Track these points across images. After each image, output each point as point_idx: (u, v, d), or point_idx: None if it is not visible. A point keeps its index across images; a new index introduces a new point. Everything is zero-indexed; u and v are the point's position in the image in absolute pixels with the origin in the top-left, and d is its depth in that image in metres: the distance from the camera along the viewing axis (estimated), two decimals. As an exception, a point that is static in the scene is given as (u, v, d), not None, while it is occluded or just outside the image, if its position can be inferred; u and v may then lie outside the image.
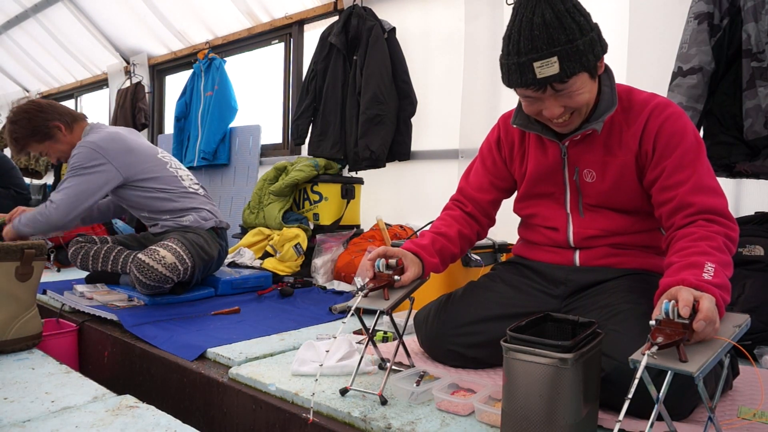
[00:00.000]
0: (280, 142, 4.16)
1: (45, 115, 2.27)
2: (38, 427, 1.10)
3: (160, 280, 2.10)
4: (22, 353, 1.59)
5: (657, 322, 0.93)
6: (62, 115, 2.31)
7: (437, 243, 1.48)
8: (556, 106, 1.26)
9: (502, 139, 1.57)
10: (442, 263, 1.49)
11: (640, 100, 1.35)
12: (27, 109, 2.27)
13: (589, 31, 1.22)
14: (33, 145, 2.31)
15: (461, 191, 1.63)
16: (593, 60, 1.23)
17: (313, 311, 2.16)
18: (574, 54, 1.19)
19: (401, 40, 3.21)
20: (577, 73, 1.21)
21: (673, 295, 0.97)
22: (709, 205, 1.21)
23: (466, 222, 1.58)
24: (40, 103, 2.32)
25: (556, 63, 1.19)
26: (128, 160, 2.27)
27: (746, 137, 1.85)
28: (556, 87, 1.23)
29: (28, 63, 6.33)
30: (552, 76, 1.20)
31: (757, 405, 1.21)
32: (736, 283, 1.77)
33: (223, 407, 1.41)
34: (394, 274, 1.32)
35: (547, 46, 1.18)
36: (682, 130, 1.29)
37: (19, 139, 2.28)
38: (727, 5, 1.91)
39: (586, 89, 1.26)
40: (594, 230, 1.43)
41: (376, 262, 1.34)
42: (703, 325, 0.91)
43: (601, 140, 1.37)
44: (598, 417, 1.04)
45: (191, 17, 4.52)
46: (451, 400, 1.16)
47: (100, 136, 2.26)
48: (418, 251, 1.42)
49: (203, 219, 2.40)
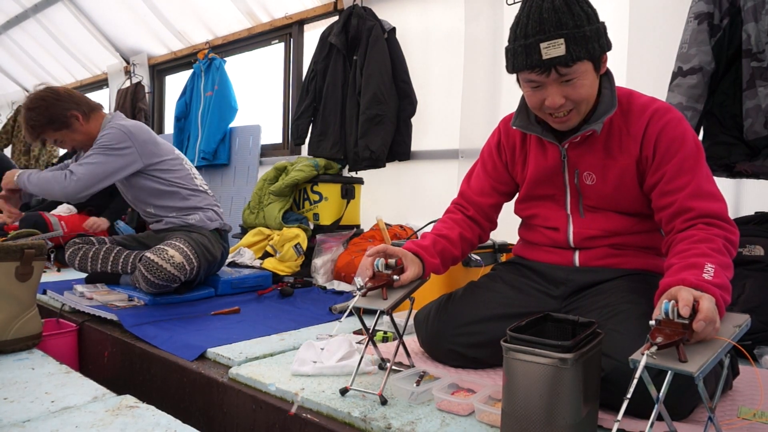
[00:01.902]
0: (280, 142, 4.16)
1: (63, 103, 2.24)
2: (38, 427, 1.10)
3: (168, 279, 2.10)
4: (22, 353, 1.59)
5: (657, 322, 0.93)
6: (80, 105, 2.28)
7: (438, 245, 1.48)
8: (558, 95, 1.26)
9: (503, 142, 1.57)
10: (443, 265, 1.49)
11: (640, 104, 1.35)
12: (44, 97, 2.22)
13: (596, 21, 1.25)
14: (49, 133, 2.26)
15: (463, 195, 1.63)
16: (599, 50, 1.24)
17: (313, 311, 2.16)
18: (581, 39, 1.21)
19: (401, 40, 3.21)
20: (582, 59, 1.22)
21: (673, 295, 0.97)
22: (708, 210, 1.21)
23: (468, 225, 1.58)
24: (57, 90, 2.28)
25: (563, 45, 1.20)
26: (152, 150, 2.29)
27: (746, 137, 1.85)
28: (561, 71, 1.23)
29: (28, 63, 6.33)
30: (557, 58, 1.21)
31: (757, 405, 1.21)
32: (736, 283, 1.77)
33: (223, 407, 1.41)
34: (393, 273, 1.31)
35: (555, 29, 1.20)
36: (682, 136, 1.29)
37: (36, 126, 2.22)
38: (727, 5, 1.91)
39: (588, 81, 1.27)
40: (594, 230, 1.43)
41: (376, 261, 1.33)
42: (702, 325, 0.91)
43: (600, 143, 1.37)
44: (598, 417, 1.04)
45: (191, 17, 4.52)
46: (451, 400, 1.16)
47: (128, 121, 2.30)
48: (418, 251, 1.42)
49: (209, 219, 2.40)
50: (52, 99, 2.23)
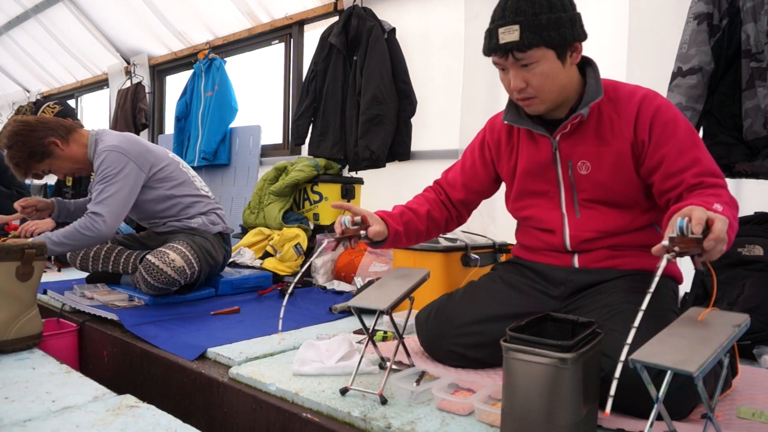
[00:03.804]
0: (280, 142, 4.17)
1: (37, 133, 2.16)
2: (39, 426, 1.10)
3: (167, 282, 2.10)
4: (22, 353, 1.59)
5: (670, 240, 0.93)
6: (55, 130, 2.20)
7: (405, 215, 1.56)
8: (518, 79, 1.32)
9: (487, 140, 1.61)
10: (406, 235, 1.55)
11: (627, 91, 1.38)
12: (18, 132, 2.16)
13: (560, 10, 1.27)
14: (35, 166, 2.20)
15: (439, 181, 1.71)
16: (557, 38, 1.27)
17: (313, 311, 2.16)
18: (536, 26, 1.26)
19: (401, 40, 3.21)
20: (537, 46, 1.27)
21: (686, 213, 0.97)
22: (714, 182, 1.24)
23: (438, 207, 1.64)
24: (29, 121, 2.20)
25: (517, 31, 1.27)
26: (148, 159, 2.23)
27: (746, 137, 1.86)
28: (516, 55, 1.29)
29: (28, 63, 6.33)
30: (511, 43, 1.27)
31: (757, 405, 1.21)
32: (736, 283, 1.77)
33: (224, 407, 1.41)
34: (359, 229, 1.41)
35: (513, 15, 1.27)
36: (674, 119, 1.32)
37: (19, 163, 2.18)
38: (726, 5, 1.91)
39: (547, 68, 1.30)
40: (590, 233, 1.42)
41: (342, 219, 1.41)
42: (713, 244, 0.92)
43: (592, 131, 1.38)
44: (597, 417, 1.05)
45: (191, 17, 4.52)
46: (451, 400, 1.16)
47: (116, 138, 2.20)
48: (384, 216, 1.50)
49: (212, 223, 2.40)
50: (26, 132, 2.16)
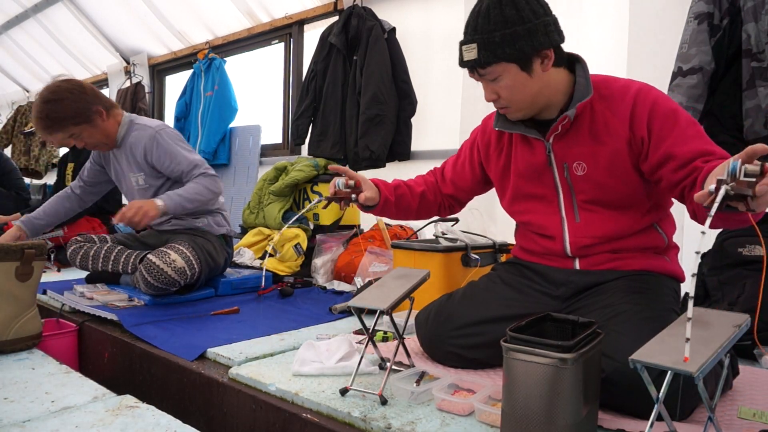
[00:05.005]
0: (280, 142, 4.16)
1: (89, 97, 2.15)
2: (38, 427, 1.10)
3: (167, 282, 2.10)
4: (22, 353, 1.59)
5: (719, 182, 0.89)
6: (102, 101, 2.21)
7: (400, 189, 1.61)
8: (488, 91, 1.36)
9: (478, 141, 1.63)
10: (396, 206, 1.60)
11: (619, 87, 1.35)
12: (71, 89, 2.12)
13: (516, 24, 1.25)
14: (68, 128, 2.14)
15: (438, 170, 1.76)
16: (513, 53, 1.27)
17: (313, 311, 2.16)
18: (490, 44, 1.27)
19: (401, 40, 3.21)
20: (495, 62, 1.28)
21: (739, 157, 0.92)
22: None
23: (433, 190, 1.69)
24: (83, 84, 2.19)
25: (475, 49, 1.29)
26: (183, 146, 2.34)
27: (746, 137, 1.86)
28: (479, 72, 1.32)
29: (28, 63, 6.33)
30: (471, 61, 1.31)
31: (757, 405, 1.21)
32: (737, 283, 1.77)
33: (223, 407, 1.41)
34: (351, 192, 1.46)
35: (471, 33, 1.31)
36: (673, 111, 1.29)
37: (57, 119, 2.10)
38: (727, 5, 1.91)
39: (511, 81, 1.31)
40: (590, 238, 1.41)
41: (337, 181, 1.45)
42: (765, 189, 0.88)
43: (585, 130, 1.36)
44: (598, 417, 1.05)
45: (191, 17, 4.52)
46: (451, 400, 1.16)
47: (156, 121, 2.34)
48: (378, 183, 1.56)
49: (217, 224, 2.39)
50: (78, 91, 2.13)
